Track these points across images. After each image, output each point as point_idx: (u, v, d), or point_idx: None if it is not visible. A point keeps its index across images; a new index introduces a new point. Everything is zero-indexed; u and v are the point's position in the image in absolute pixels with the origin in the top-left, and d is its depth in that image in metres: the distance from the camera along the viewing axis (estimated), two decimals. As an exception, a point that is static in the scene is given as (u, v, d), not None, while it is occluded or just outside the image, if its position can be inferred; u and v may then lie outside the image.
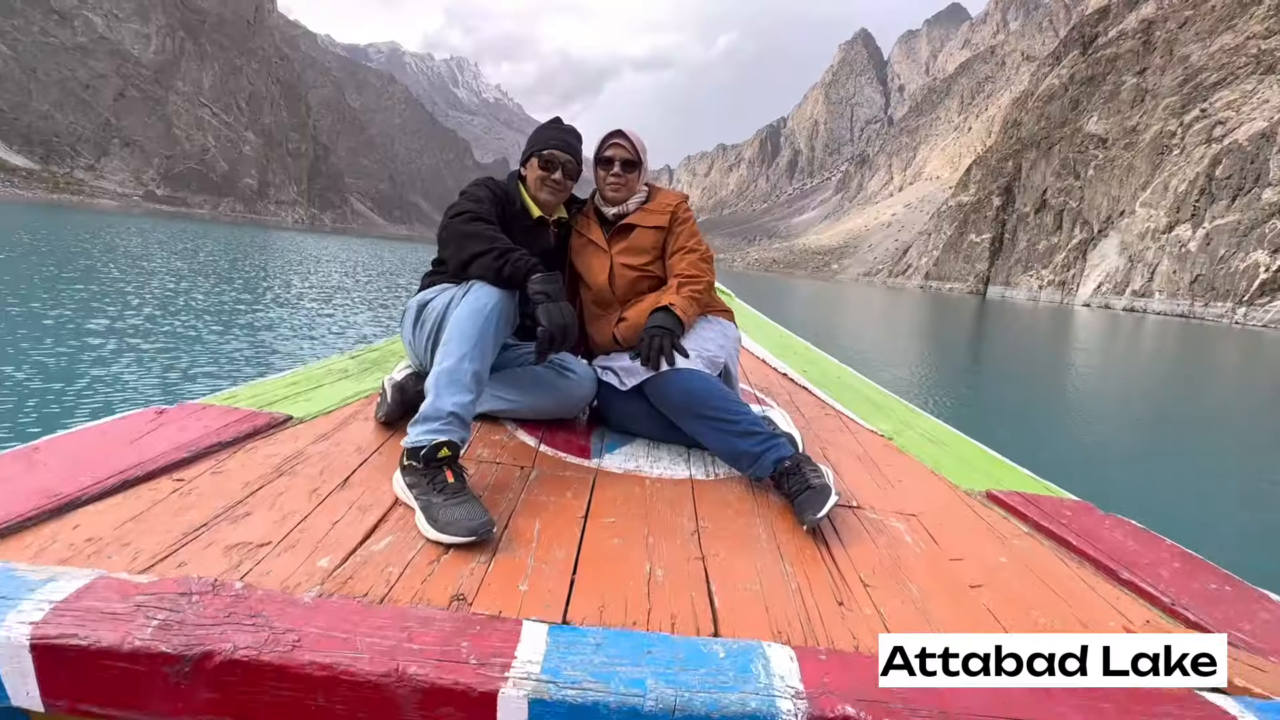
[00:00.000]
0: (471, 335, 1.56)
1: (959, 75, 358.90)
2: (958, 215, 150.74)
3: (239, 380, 5.07)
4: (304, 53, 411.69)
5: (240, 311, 9.11)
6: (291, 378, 2.18)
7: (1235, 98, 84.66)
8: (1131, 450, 7.45)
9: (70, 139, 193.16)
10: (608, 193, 2.12)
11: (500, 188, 1.99)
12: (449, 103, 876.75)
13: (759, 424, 1.68)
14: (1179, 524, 4.02)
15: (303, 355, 6.99)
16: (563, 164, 2.02)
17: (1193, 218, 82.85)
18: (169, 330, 7.22)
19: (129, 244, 23.31)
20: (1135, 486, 5.81)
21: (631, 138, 2.09)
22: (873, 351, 13.34)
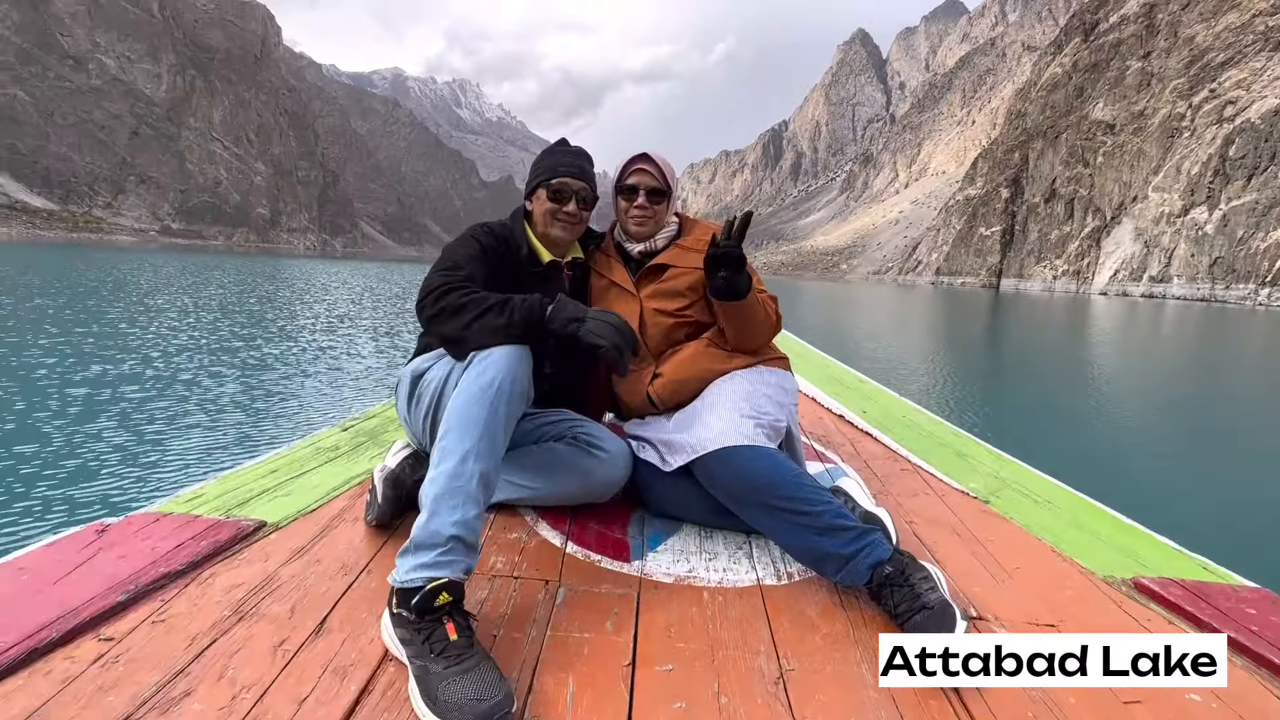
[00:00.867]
0: (477, 424, 1.29)
1: (959, 69, 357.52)
2: (966, 209, 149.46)
3: (223, 450, 4.77)
4: (310, 83, 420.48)
5: (237, 349, 8.93)
6: (272, 463, 1.89)
7: (1245, 76, 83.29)
8: (1218, 472, 6.15)
9: (88, 179, 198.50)
10: (631, 226, 1.85)
11: (496, 235, 1.73)
12: (453, 124, 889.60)
13: (844, 515, 1.39)
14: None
15: (300, 395, 6.53)
16: (576, 192, 1.77)
17: (1208, 199, 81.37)
18: (158, 382, 6.84)
19: (138, 280, 23.66)
20: (1242, 527, 4.61)
21: (659, 162, 1.84)
22: (896, 357, 12.86)
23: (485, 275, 1.59)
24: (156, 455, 4.56)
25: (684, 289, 1.81)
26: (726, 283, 1.63)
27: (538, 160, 1.85)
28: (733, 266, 1.62)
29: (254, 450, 4.40)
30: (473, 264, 1.59)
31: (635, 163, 1.85)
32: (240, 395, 6.46)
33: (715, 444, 1.51)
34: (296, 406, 6.21)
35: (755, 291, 1.72)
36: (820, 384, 3.45)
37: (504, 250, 1.71)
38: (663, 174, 1.83)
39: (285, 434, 4.82)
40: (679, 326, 1.83)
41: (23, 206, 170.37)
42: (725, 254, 1.61)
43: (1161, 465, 6.30)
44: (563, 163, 1.79)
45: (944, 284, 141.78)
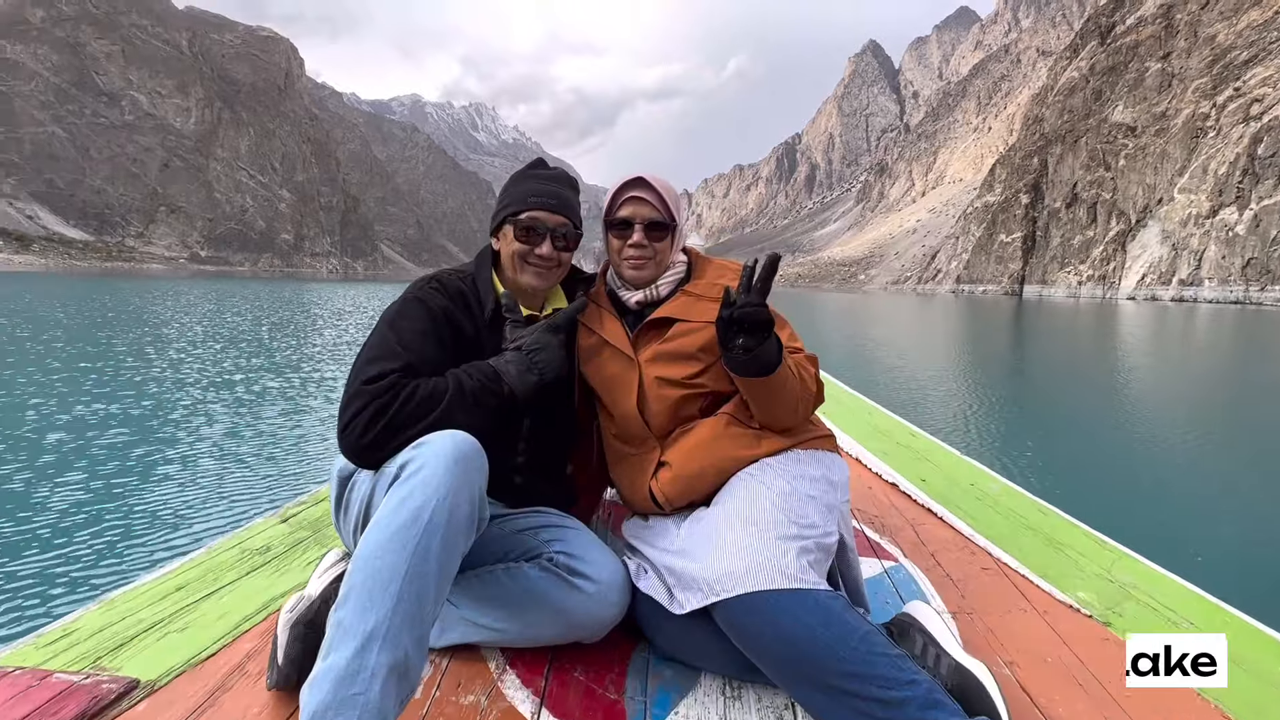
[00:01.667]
0: (391, 584, 0.92)
1: (973, 77, 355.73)
2: (985, 216, 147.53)
3: (137, 548, 3.40)
4: (332, 111, 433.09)
5: (236, 382, 8.88)
6: (179, 575, 1.49)
7: (1271, 74, 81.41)
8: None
9: (121, 210, 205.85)
10: (627, 270, 1.50)
11: (450, 291, 1.39)
12: (470, 147, 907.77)
13: (937, 701, 0.95)
14: None
15: (255, 463, 5.12)
16: (552, 230, 1.42)
17: (1237, 199, 79.21)
18: (137, 434, 5.73)
19: (159, 309, 24.17)
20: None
21: (658, 187, 1.48)
22: (928, 377, 12.30)
23: (438, 351, 1.26)
24: (33, 567, 3.11)
25: (695, 349, 1.42)
26: (747, 354, 1.26)
27: (506, 187, 1.50)
28: (755, 332, 1.24)
29: (177, 549, 3.43)
30: (416, 343, 1.24)
31: (628, 189, 1.48)
32: (177, 466, 4.89)
33: (742, 585, 1.09)
34: (247, 479, 4.69)
35: (787, 361, 1.33)
36: (863, 438, 2.90)
37: (463, 310, 1.37)
38: (664, 201, 1.47)
39: (227, 521, 3.81)
40: (690, 399, 1.43)
41: (59, 238, 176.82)
42: (744, 315, 1.23)
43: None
44: (535, 191, 1.43)
45: (965, 292, 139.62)
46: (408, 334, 1.25)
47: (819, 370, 1.47)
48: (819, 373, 1.46)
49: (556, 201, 1.43)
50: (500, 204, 1.48)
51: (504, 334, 1.38)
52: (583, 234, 1.52)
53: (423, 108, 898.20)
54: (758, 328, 1.23)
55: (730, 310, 1.23)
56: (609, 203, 1.51)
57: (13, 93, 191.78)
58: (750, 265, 1.24)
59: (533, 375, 1.24)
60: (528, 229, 1.40)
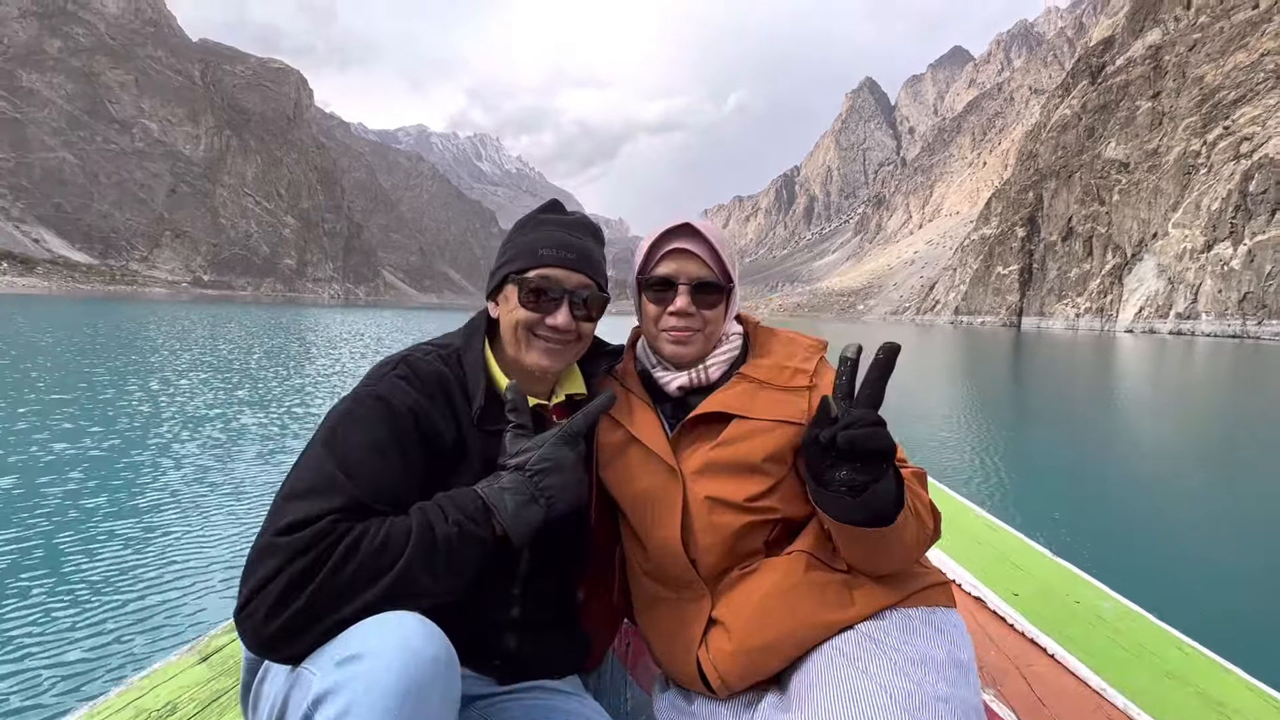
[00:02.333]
0: None
1: (968, 113, 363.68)
2: (982, 248, 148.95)
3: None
4: (339, 140, 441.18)
5: (211, 418, 8.61)
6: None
7: (1259, 113, 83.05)
8: None
9: (127, 234, 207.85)
10: (667, 345, 1.13)
11: (427, 380, 1.00)
12: (474, 176, 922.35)
13: None
14: None
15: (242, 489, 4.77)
16: (569, 292, 1.07)
17: (1231, 235, 79.97)
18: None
19: (151, 334, 24.01)
20: None
21: (708, 236, 1.12)
22: (942, 414, 12.16)
23: (399, 473, 0.89)
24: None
25: (760, 459, 1.03)
26: (854, 495, 0.86)
27: (510, 237, 1.15)
28: (868, 464, 0.85)
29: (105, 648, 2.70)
30: (367, 465, 0.86)
31: (670, 239, 1.13)
32: (121, 531, 4.09)
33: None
34: (200, 550, 3.83)
35: (908, 501, 0.92)
36: None
37: (443, 405, 0.99)
38: (715, 255, 1.12)
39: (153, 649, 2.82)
40: (753, 529, 1.04)
41: (64, 261, 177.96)
42: (854, 441, 0.83)
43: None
44: (548, 241, 1.08)
45: (964, 323, 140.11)
46: (355, 451, 0.86)
47: (927, 490, 1.05)
48: (931, 499, 1.02)
49: (576, 256, 1.07)
50: (502, 258, 1.11)
51: (501, 442, 0.96)
52: (609, 297, 1.15)
53: (428, 138, 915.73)
54: (872, 458, 0.83)
55: (831, 430, 0.83)
56: (645, 255, 1.14)
57: (26, 119, 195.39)
58: (851, 357, 0.85)
59: (537, 509, 0.88)
60: (537, 291, 1.04)
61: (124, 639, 2.79)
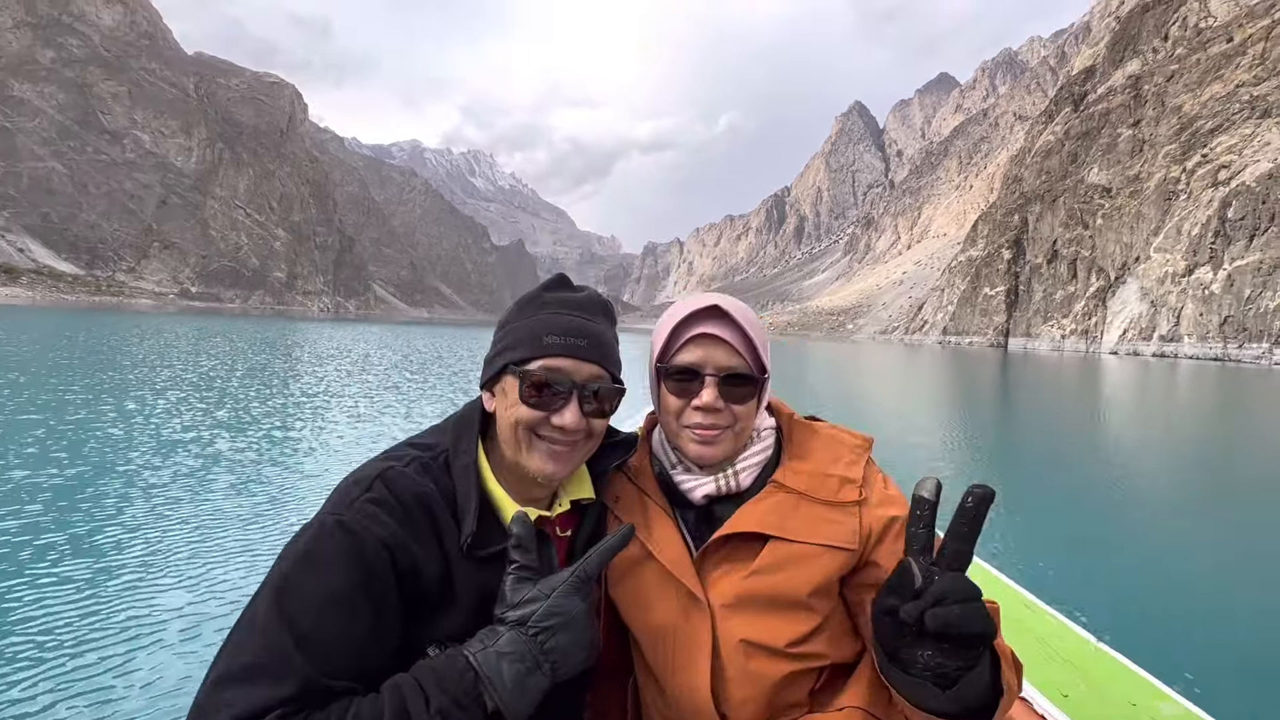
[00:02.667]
0: None
1: (954, 137, 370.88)
2: (969, 270, 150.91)
3: None
4: (332, 154, 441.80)
5: (185, 443, 8.38)
6: None
7: (1235, 142, 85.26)
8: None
9: (114, 245, 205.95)
10: (691, 445, 0.97)
11: (405, 493, 0.83)
12: (466, 191, 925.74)
13: None
14: None
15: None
16: (579, 386, 0.92)
17: (1211, 260, 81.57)
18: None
19: (133, 348, 23.62)
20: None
21: (738, 318, 0.97)
22: (944, 431, 12.15)
23: (367, 636, 0.74)
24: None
25: (805, 594, 0.89)
26: (945, 687, 0.69)
27: (510, 317, 0.98)
28: (961, 650, 0.67)
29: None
30: (326, 631, 0.71)
31: (695, 322, 0.97)
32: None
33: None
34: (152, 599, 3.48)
35: (1008, 685, 0.74)
36: None
37: (426, 533, 0.82)
38: (747, 340, 0.97)
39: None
40: (797, 678, 0.91)
41: (49, 271, 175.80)
42: (948, 623, 0.65)
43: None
44: (555, 325, 0.92)
45: (951, 343, 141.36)
46: (311, 611, 0.70)
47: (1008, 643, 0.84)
48: (1013, 652, 0.83)
49: (586, 343, 0.91)
50: (499, 343, 0.95)
51: (496, 577, 0.81)
52: (625, 389, 0.97)
53: (422, 153, 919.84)
54: (968, 642, 0.65)
55: (916, 607, 0.65)
56: (665, 339, 0.98)
57: (15, 129, 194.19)
58: (929, 499, 0.67)
59: (540, 678, 0.73)
60: (541, 386, 0.88)
61: (68, 707, 2.38)
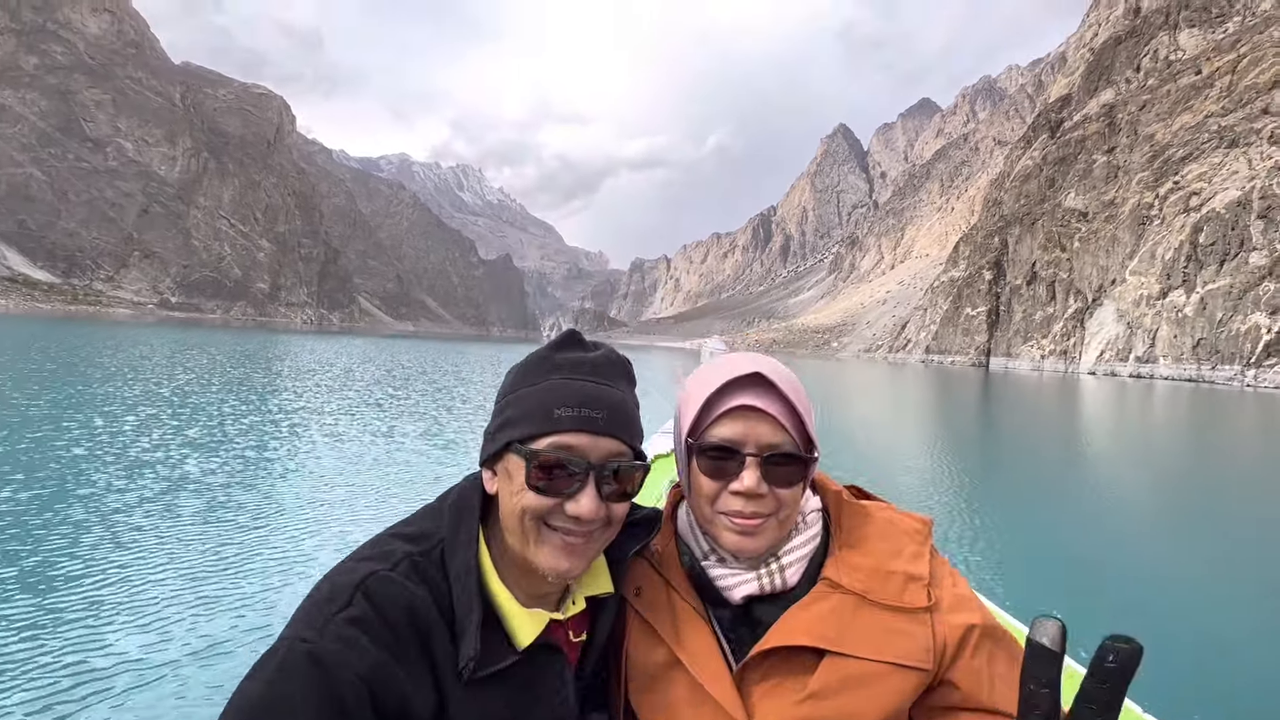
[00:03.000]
0: None
1: (936, 161, 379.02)
2: (951, 290, 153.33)
3: None
4: (319, 166, 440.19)
5: (152, 464, 8.09)
6: None
7: (1205, 170, 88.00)
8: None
9: (93, 253, 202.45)
10: (728, 535, 0.83)
11: (389, 605, 0.69)
12: (454, 205, 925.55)
13: None
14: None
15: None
16: (596, 468, 0.77)
17: (1184, 283, 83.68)
18: None
19: (107, 360, 23.03)
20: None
21: (783, 386, 0.83)
22: (934, 447, 12.16)
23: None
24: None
25: (868, 712, 0.75)
26: None
27: (514, 382, 0.83)
28: None
29: None
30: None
31: (734, 392, 0.83)
32: None
33: None
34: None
35: None
36: None
37: (416, 653, 0.69)
38: (793, 413, 0.83)
39: None
40: None
41: (24, 279, 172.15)
42: None
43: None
44: (566, 394, 0.77)
45: (934, 362, 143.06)
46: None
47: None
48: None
49: (604, 415, 0.77)
50: (502, 414, 0.81)
51: (502, 699, 0.72)
52: (649, 465, 0.82)
53: (410, 166, 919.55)
54: None
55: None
56: (697, 411, 0.83)
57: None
58: (1051, 648, 0.55)
59: None
60: (552, 468, 0.74)
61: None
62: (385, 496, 6.75)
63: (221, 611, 3.65)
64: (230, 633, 3.32)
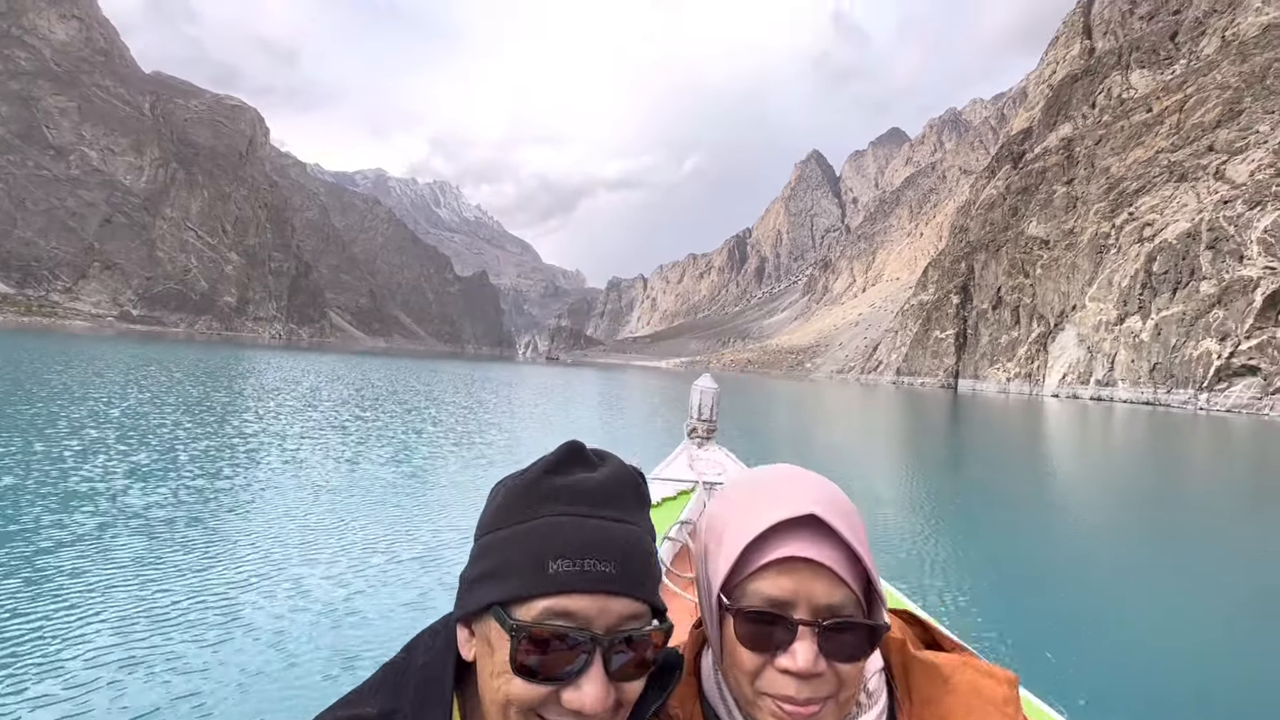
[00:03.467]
0: None
1: (905, 188, 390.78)
2: (920, 313, 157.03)
3: None
4: (293, 179, 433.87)
5: (90, 496, 7.63)
6: None
7: (1157, 202, 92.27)
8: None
9: (50, 263, 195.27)
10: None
11: None
12: (431, 222, 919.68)
13: None
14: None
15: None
16: (602, 644, 0.58)
17: (1140, 310, 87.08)
18: None
19: (56, 377, 22.02)
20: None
21: (844, 531, 0.64)
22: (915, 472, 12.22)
23: None
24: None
25: None
26: None
27: (498, 515, 0.64)
28: None
29: None
30: None
31: (783, 538, 0.65)
32: None
33: None
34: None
35: None
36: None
37: None
38: (858, 563, 0.65)
39: None
40: None
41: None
42: None
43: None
44: (570, 540, 0.60)
45: (905, 383, 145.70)
46: None
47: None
48: None
49: (617, 566, 0.59)
50: (481, 561, 0.63)
51: None
52: (671, 626, 0.63)
53: (386, 182, 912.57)
54: None
55: None
56: (733, 561, 0.66)
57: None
58: None
59: None
60: (546, 642, 0.57)
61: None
62: (345, 531, 6.45)
63: (149, 676, 3.22)
64: (159, 700, 2.88)
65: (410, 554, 5.70)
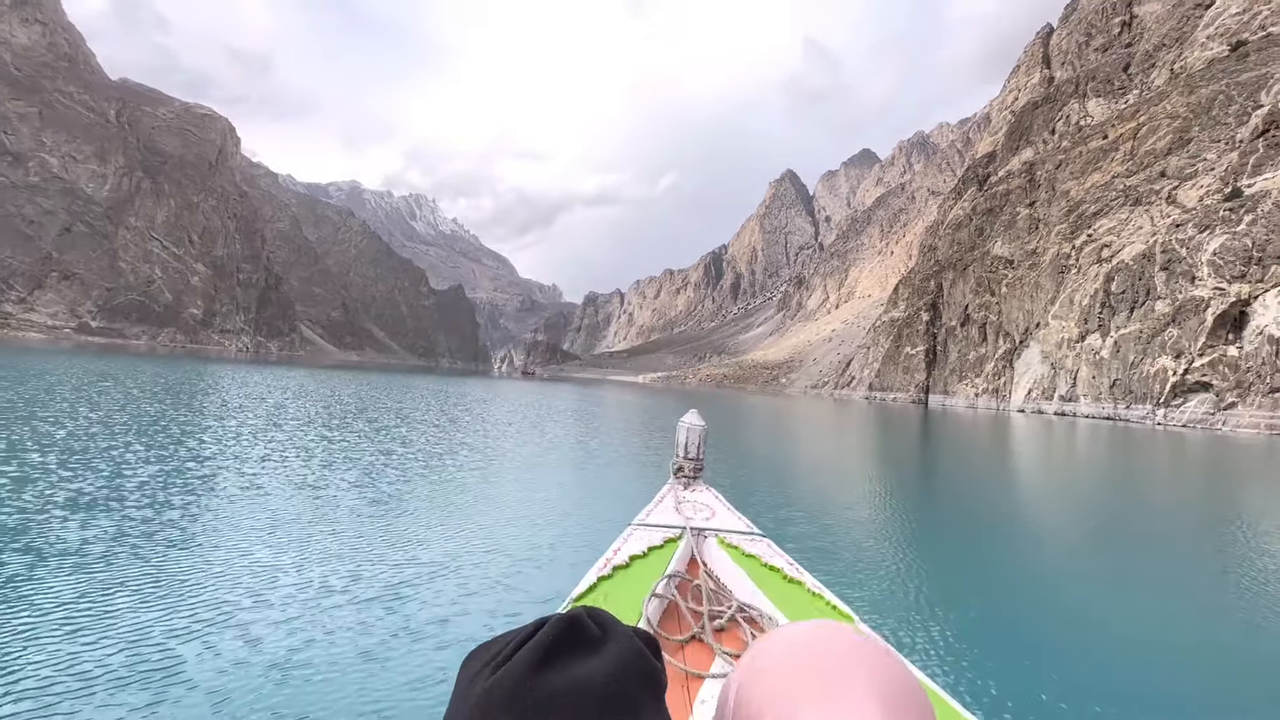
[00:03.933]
0: None
1: (876, 208, 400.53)
2: (891, 330, 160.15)
3: None
4: (264, 190, 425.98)
5: (22, 530, 7.21)
6: None
7: (1114, 225, 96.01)
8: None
9: (4, 273, 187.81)
10: None
11: None
12: (406, 235, 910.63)
13: None
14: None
15: None
16: None
17: (1100, 328, 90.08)
18: None
19: (1, 392, 20.97)
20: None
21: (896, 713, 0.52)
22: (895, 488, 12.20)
23: None
24: None
25: None
26: None
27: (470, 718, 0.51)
28: None
29: None
30: None
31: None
32: None
33: None
34: None
35: None
36: None
37: None
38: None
39: None
40: None
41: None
42: None
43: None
44: None
45: (877, 399, 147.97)
46: None
47: None
48: None
49: None
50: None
51: None
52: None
53: (360, 194, 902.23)
54: None
55: None
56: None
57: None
58: None
59: None
60: None
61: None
62: (301, 568, 6.13)
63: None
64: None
65: (369, 593, 5.42)
